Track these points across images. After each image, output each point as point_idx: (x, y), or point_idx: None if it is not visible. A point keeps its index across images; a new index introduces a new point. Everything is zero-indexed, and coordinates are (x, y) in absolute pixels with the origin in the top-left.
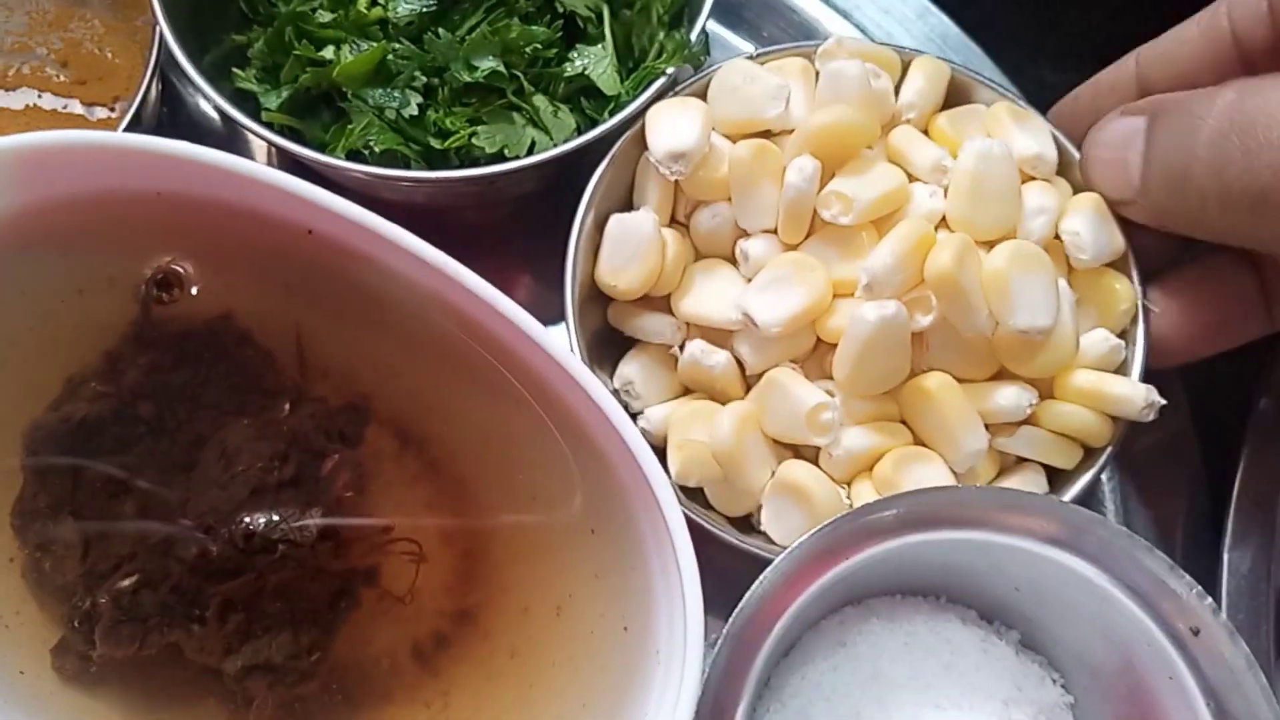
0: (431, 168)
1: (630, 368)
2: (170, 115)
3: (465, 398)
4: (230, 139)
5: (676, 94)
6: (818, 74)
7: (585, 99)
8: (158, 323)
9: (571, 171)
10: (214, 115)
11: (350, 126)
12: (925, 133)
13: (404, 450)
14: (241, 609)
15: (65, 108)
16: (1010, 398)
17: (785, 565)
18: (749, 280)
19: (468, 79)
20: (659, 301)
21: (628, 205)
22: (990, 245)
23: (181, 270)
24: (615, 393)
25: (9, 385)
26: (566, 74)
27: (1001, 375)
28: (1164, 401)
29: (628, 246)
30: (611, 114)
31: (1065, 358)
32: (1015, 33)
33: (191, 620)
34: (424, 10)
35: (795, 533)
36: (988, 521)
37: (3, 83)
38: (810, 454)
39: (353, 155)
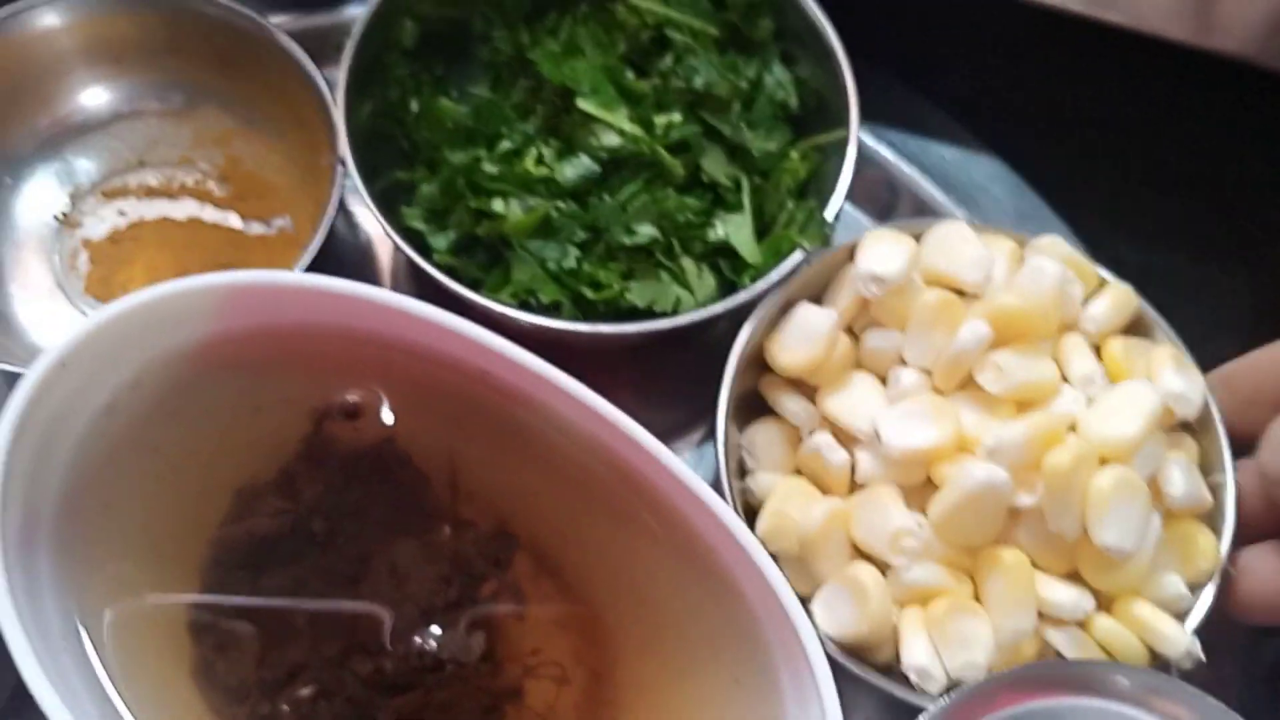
0: (583, 314)
1: (759, 433)
2: None
3: (601, 528)
4: (369, 258)
5: (896, 227)
6: (1022, 258)
7: (721, 259)
8: (328, 441)
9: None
10: (349, 235)
11: (515, 275)
12: (1096, 347)
13: (540, 572)
14: None
15: (225, 221)
16: (1071, 598)
17: None
18: (891, 403)
19: (627, 243)
20: (806, 388)
21: (816, 295)
22: (1104, 460)
23: (360, 400)
24: (739, 446)
25: (186, 494)
26: (709, 239)
27: (1070, 574)
28: (1203, 659)
29: (804, 333)
30: (753, 279)
31: (1134, 583)
32: (1097, 206)
33: None
34: (588, 175)
35: (838, 624)
36: (1133, 698)
37: (168, 192)
38: (879, 567)
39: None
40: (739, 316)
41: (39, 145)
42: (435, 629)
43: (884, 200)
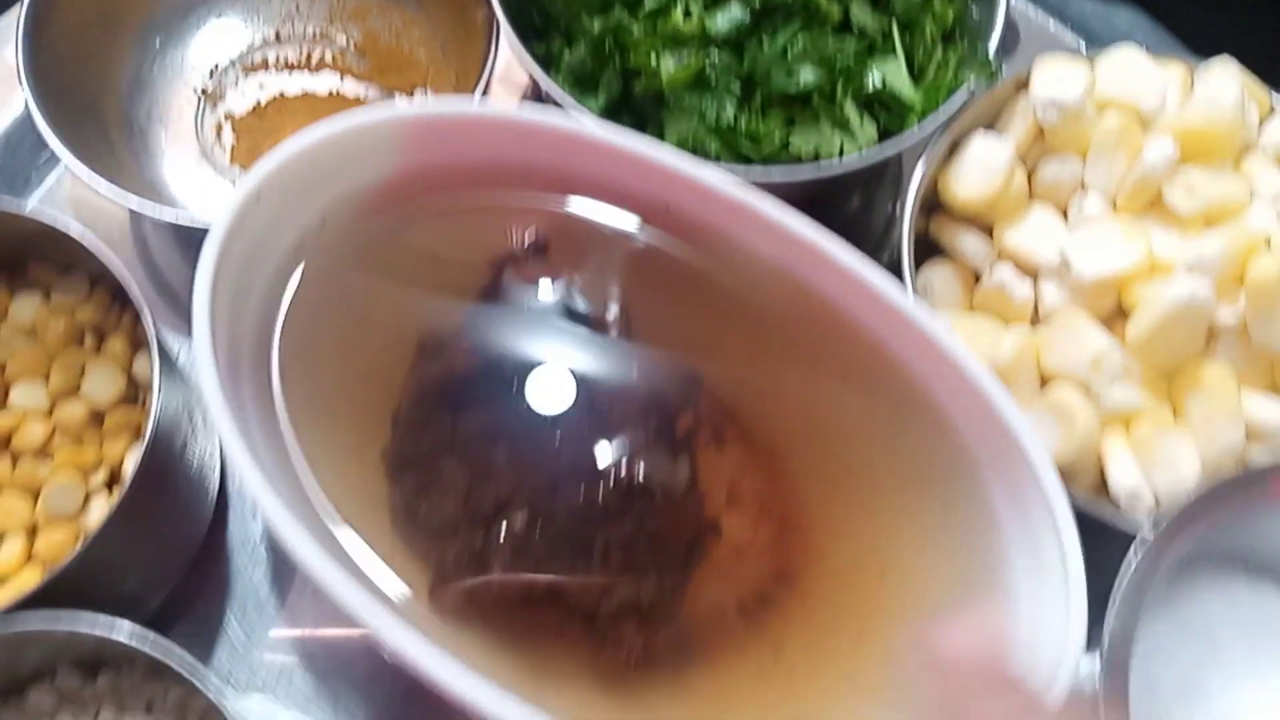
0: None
1: (934, 274)
2: None
3: (779, 371)
4: None
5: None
6: (1193, 85)
7: (879, 108)
8: (507, 290)
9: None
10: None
11: (671, 130)
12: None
13: (716, 413)
14: (620, 553)
15: (366, 94)
16: (1278, 413)
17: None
18: (1074, 231)
19: (790, 89)
20: (979, 226)
21: (987, 127)
22: None
23: (542, 239)
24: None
25: (374, 337)
26: (866, 86)
27: (1271, 389)
28: None
29: (981, 165)
30: (919, 121)
31: None
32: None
33: (576, 561)
34: (741, 25)
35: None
36: None
37: (308, 66)
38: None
39: None
40: (900, 163)
41: (183, 12)
42: (647, 458)
43: (1025, 54)
